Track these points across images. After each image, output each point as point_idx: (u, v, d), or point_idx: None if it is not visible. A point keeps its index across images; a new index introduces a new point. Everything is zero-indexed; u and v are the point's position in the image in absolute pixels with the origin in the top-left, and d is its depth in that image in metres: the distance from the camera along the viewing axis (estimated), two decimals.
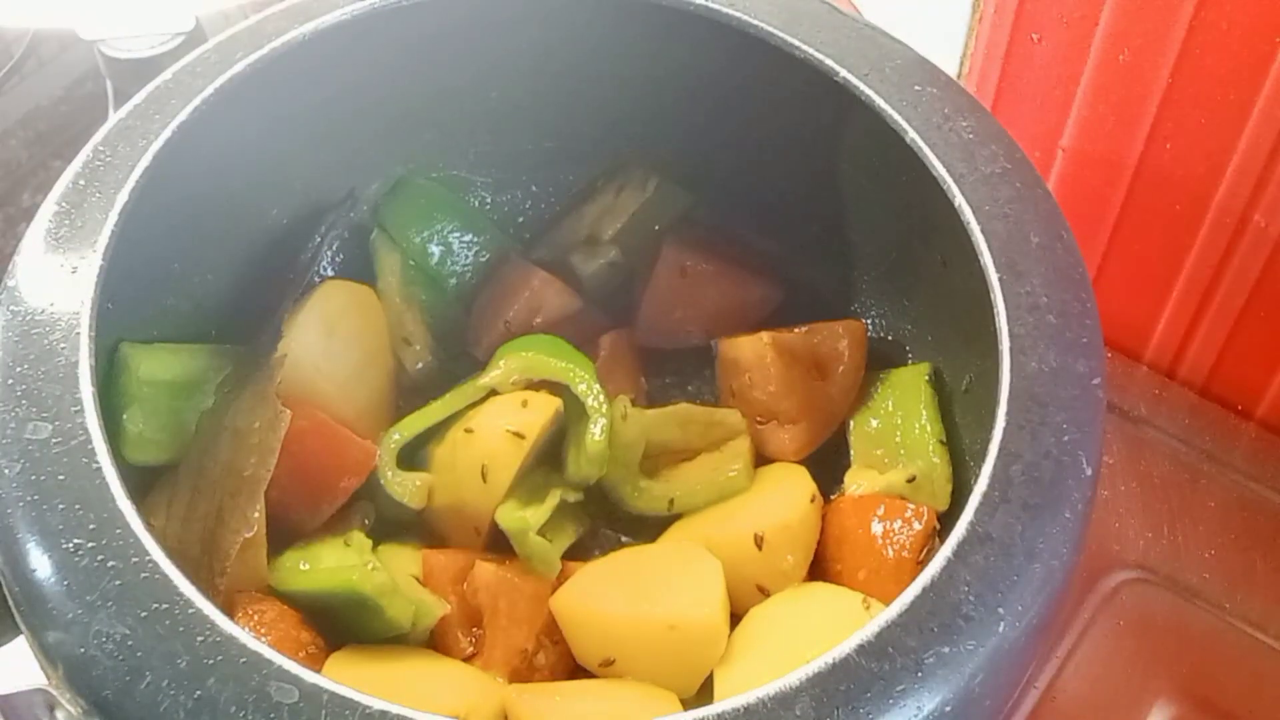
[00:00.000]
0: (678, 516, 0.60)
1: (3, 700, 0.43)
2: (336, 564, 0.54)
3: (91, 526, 0.44)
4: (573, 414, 0.60)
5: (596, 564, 0.57)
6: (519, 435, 0.57)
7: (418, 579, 0.56)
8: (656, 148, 0.68)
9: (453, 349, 0.67)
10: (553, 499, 0.59)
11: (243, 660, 0.41)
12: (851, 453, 0.62)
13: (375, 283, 0.65)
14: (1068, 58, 0.67)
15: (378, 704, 0.40)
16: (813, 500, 0.58)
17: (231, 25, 0.58)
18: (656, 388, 0.67)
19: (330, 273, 0.68)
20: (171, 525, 0.53)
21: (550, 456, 0.61)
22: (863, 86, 0.56)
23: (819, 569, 0.58)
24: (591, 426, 0.58)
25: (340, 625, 0.53)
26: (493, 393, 0.60)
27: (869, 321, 0.67)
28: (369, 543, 0.56)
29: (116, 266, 0.50)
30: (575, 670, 0.55)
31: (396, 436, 0.59)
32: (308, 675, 0.41)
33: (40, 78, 0.99)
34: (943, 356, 0.62)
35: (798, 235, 0.69)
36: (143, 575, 0.43)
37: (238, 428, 0.54)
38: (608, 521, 0.62)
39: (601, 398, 0.58)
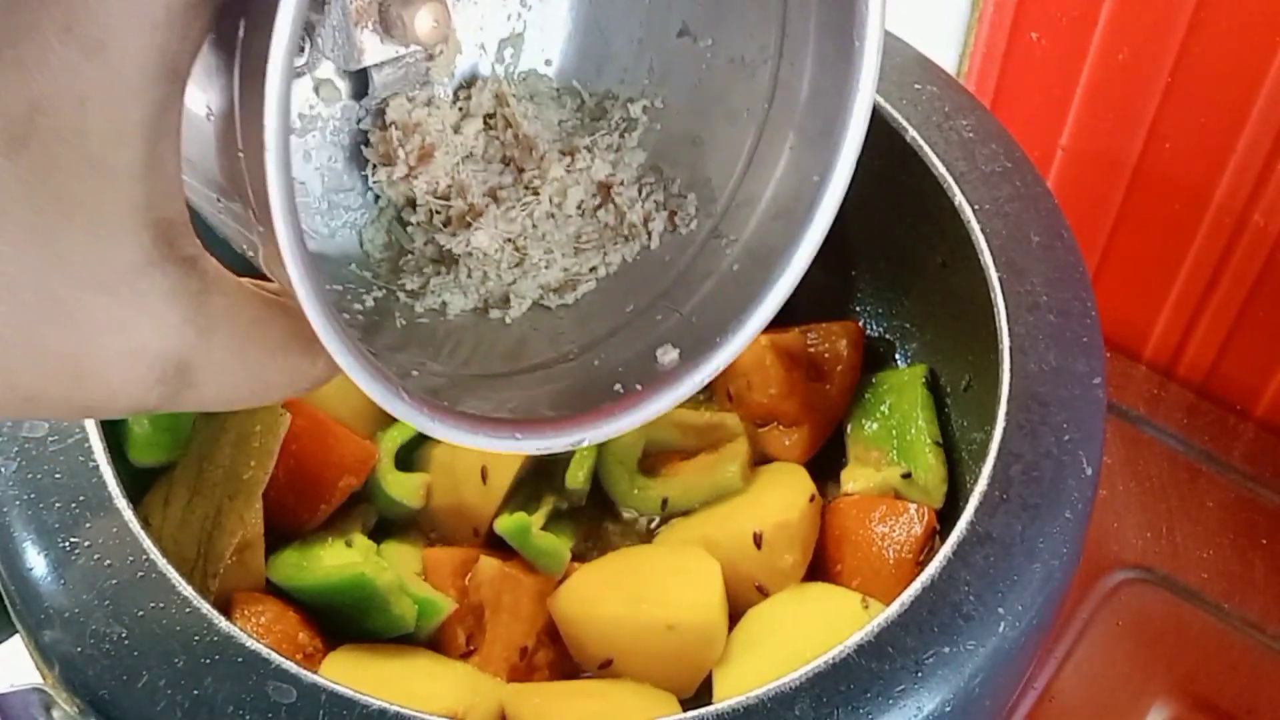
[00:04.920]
0: (673, 516, 0.60)
1: None
2: (343, 562, 0.54)
3: (88, 525, 0.43)
4: None
5: (595, 565, 0.57)
6: None
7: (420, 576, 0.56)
8: None
9: None
10: (547, 505, 0.59)
11: (240, 660, 0.41)
12: (848, 455, 0.62)
13: None
14: (1067, 57, 0.67)
15: (376, 703, 0.40)
16: (811, 500, 0.58)
17: None
18: None
19: None
20: (168, 525, 0.53)
21: (545, 465, 0.61)
22: None
23: (818, 569, 0.58)
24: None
25: (341, 625, 0.53)
26: None
27: (868, 321, 0.66)
28: (372, 544, 0.56)
29: None
30: (574, 669, 0.55)
31: (395, 436, 0.59)
32: (305, 675, 0.40)
33: None
34: (942, 356, 0.62)
35: None
36: (140, 575, 0.43)
37: (238, 431, 0.54)
38: (606, 522, 0.62)
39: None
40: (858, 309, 0.67)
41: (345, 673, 0.50)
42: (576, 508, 0.60)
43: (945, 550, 0.44)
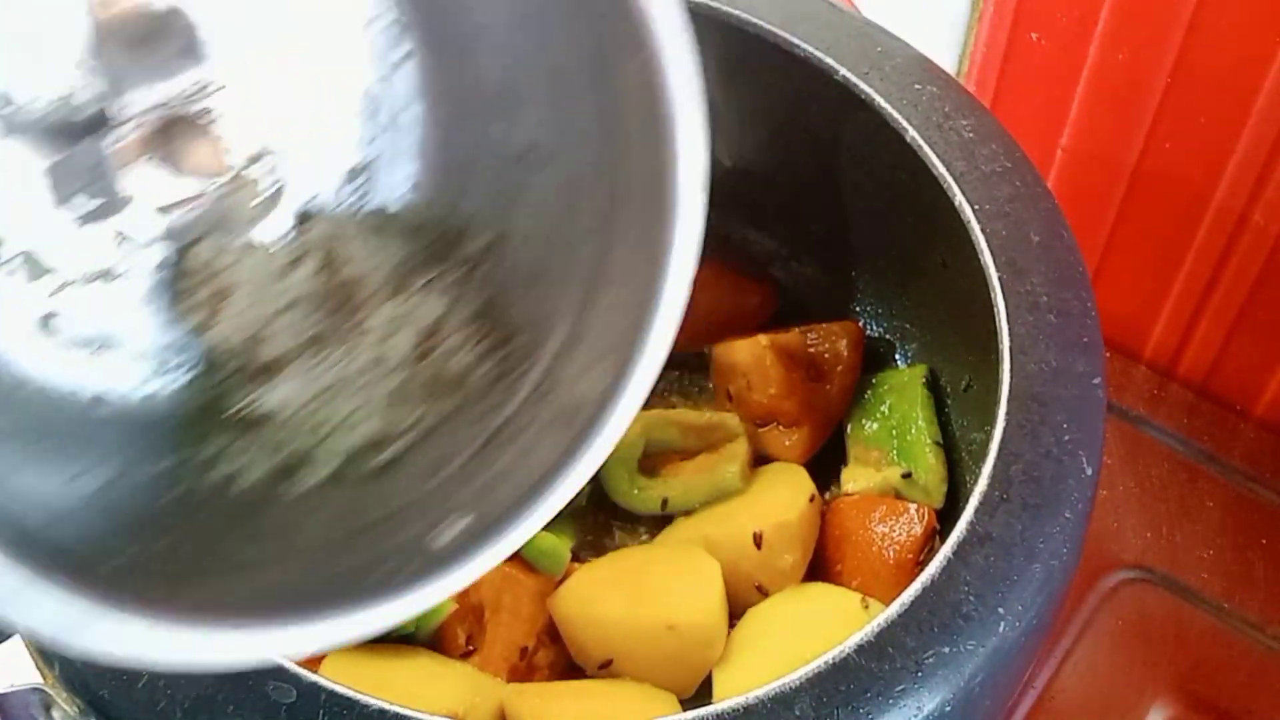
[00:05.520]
0: (673, 516, 0.60)
1: None
2: None
3: None
4: None
5: (595, 565, 0.57)
6: None
7: None
8: None
9: None
10: None
11: None
12: (848, 455, 0.62)
13: None
14: (1067, 57, 0.67)
15: (375, 703, 0.40)
16: (811, 500, 0.58)
17: None
18: (652, 392, 0.67)
19: None
20: None
21: None
22: (862, 85, 0.56)
23: (818, 569, 0.58)
24: None
25: None
26: None
27: (868, 321, 0.66)
28: None
29: None
30: (574, 670, 0.55)
31: None
32: (305, 675, 0.40)
33: None
34: (942, 356, 0.62)
35: (796, 235, 0.68)
36: None
37: None
38: (606, 522, 0.62)
39: None
40: (858, 309, 0.67)
41: (345, 673, 0.50)
42: (576, 508, 0.60)
43: (945, 550, 0.44)
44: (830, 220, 0.67)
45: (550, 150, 0.32)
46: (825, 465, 0.62)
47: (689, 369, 0.67)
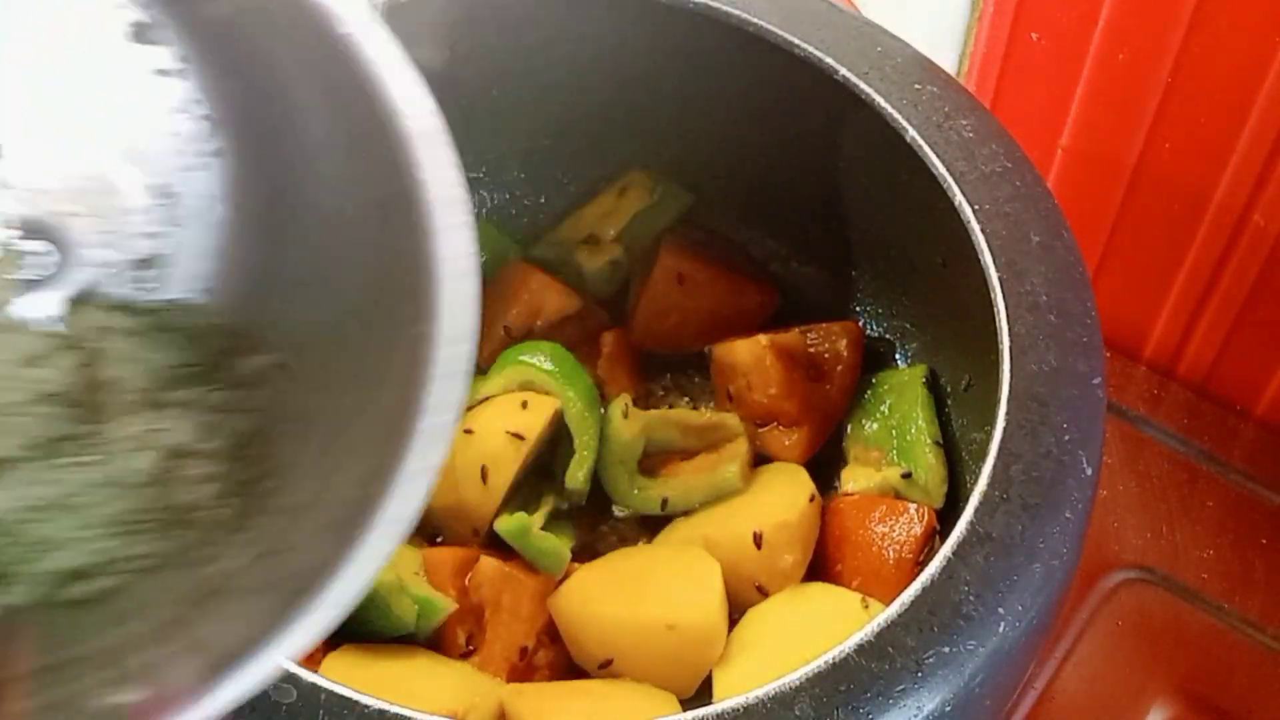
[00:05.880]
0: (673, 516, 0.60)
1: None
2: None
3: None
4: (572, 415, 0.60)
5: (595, 565, 0.57)
6: (519, 436, 0.57)
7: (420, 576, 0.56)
8: (655, 146, 0.68)
9: None
10: (547, 505, 0.59)
11: None
12: (848, 455, 0.62)
13: None
14: (1067, 57, 0.67)
15: (375, 703, 0.40)
16: (811, 500, 0.58)
17: None
18: (652, 392, 0.67)
19: None
20: None
21: (545, 465, 0.61)
22: (862, 85, 0.56)
23: (818, 569, 0.58)
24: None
25: (341, 625, 0.53)
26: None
27: (868, 321, 0.66)
28: None
29: None
30: (574, 669, 0.55)
31: None
32: (305, 675, 0.40)
33: None
34: (942, 356, 0.62)
35: (797, 235, 0.68)
36: None
37: None
38: (607, 522, 0.62)
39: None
40: (858, 309, 0.67)
41: (345, 673, 0.50)
42: (576, 508, 0.60)
43: (945, 550, 0.44)
44: (830, 220, 0.67)
45: (338, 289, 0.30)
46: (825, 465, 0.62)
47: (689, 369, 0.67)
